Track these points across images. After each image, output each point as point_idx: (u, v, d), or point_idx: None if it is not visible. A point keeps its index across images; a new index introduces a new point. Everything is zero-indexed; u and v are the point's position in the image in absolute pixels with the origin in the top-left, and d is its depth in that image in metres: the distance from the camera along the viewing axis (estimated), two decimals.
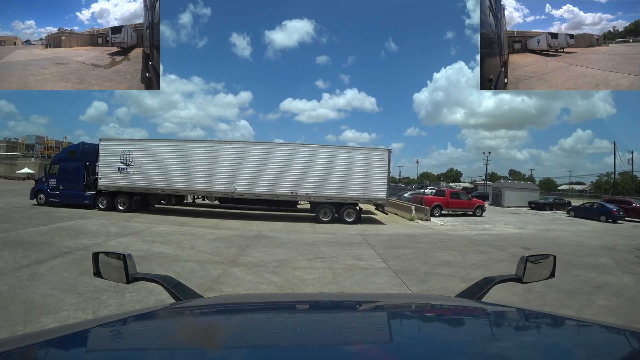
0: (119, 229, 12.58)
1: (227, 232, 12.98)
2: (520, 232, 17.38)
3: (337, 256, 9.49)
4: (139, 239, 10.85)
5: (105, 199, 18.27)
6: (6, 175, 60.03)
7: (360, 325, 1.32)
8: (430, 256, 9.99)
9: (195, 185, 17.72)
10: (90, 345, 1.01)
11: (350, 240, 12.42)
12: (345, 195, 17.21)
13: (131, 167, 17.67)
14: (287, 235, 13.03)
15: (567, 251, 11.87)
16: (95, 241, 10.16)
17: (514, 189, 37.71)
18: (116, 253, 1.68)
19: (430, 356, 0.95)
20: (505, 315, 1.50)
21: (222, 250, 9.66)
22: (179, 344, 1.04)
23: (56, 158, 20.77)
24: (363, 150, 17.90)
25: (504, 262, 9.53)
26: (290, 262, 8.60)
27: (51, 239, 10.14)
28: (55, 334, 1.00)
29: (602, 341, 1.18)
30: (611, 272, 9.03)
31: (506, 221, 21.95)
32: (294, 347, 1.01)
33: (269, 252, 9.63)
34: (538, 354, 1.01)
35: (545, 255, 1.84)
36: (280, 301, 1.83)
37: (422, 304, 1.74)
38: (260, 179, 17.06)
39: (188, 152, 17.63)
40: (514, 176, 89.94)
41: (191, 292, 1.68)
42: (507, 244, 12.86)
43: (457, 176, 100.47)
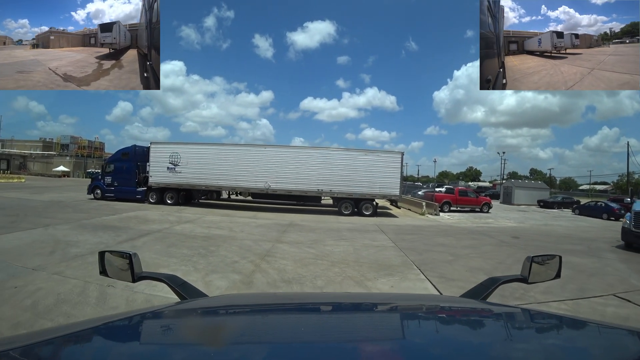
0: (176, 218, 15.28)
1: (265, 221, 15.66)
2: (518, 225, 19.41)
3: (356, 238, 12.04)
4: (197, 225, 13.51)
5: (155, 194, 21.28)
6: (43, 173, 63.21)
7: (366, 325, 1.33)
8: (430, 240, 12.42)
9: (234, 183, 20.79)
10: (96, 344, 1.03)
11: (367, 228, 14.93)
12: (364, 191, 19.91)
13: (179, 166, 20.72)
14: (316, 224, 15.66)
15: (551, 240, 13.90)
16: (164, 226, 12.82)
17: (524, 187, 39.45)
18: (122, 252, 1.68)
19: (436, 356, 0.96)
20: (511, 316, 1.50)
21: (266, 233, 12.36)
22: (184, 343, 1.06)
23: (111, 159, 23.97)
24: (379, 153, 20.66)
25: (490, 245, 11.87)
26: (321, 241, 11.17)
27: (127, 224, 12.87)
28: (61, 332, 1.02)
29: (610, 342, 1.16)
30: (577, 256, 10.66)
31: (509, 217, 23.99)
32: (299, 346, 1.02)
33: (304, 235, 12.26)
34: (544, 355, 1.00)
35: (551, 255, 1.84)
36: (285, 300, 1.84)
37: (427, 304, 1.75)
38: (290, 177, 19.92)
39: (228, 154, 20.66)
40: (535, 175, 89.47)
41: (196, 291, 1.68)
42: (499, 234, 15.03)
43: (477, 175, 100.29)
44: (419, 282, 7.01)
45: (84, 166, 70.68)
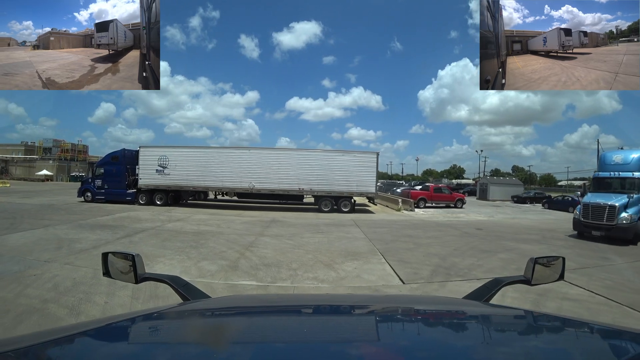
0: (167, 217, 16.32)
1: (250, 218, 16.88)
2: (487, 219, 20.90)
3: (332, 232, 13.36)
4: (187, 223, 14.61)
5: (145, 195, 22.32)
6: (25, 178, 63.10)
7: (368, 327, 1.35)
8: (399, 232, 13.79)
9: (221, 183, 22.01)
10: (99, 345, 1.04)
11: (344, 223, 16.26)
12: (342, 189, 21.41)
13: (167, 169, 21.84)
14: (296, 220, 16.96)
15: (512, 231, 15.27)
16: (156, 224, 13.88)
17: (498, 184, 41.29)
18: (125, 253, 1.71)
19: (438, 358, 0.97)
20: (513, 318, 1.54)
21: (251, 228, 13.58)
22: (187, 344, 1.07)
23: (101, 162, 24.72)
24: (356, 154, 22.13)
25: (453, 236, 13.25)
26: (299, 234, 12.44)
27: (122, 223, 13.87)
28: (64, 332, 1.02)
29: (614, 344, 1.16)
30: (529, 244, 12.00)
31: (481, 212, 25.61)
32: (300, 347, 1.04)
33: (284, 229, 13.50)
34: (548, 357, 1.01)
35: (554, 257, 1.84)
36: (287, 302, 1.89)
37: (429, 306, 1.77)
38: (273, 177, 21.27)
39: (215, 156, 21.96)
40: (517, 172, 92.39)
41: (199, 293, 1.71)
42: (465, 226, 16.48)
43: (460, 173, 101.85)
44: (380, 264, 8.29)
45: (68, 170, 70.25)
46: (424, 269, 7.92)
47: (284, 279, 6.93)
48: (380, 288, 6.56)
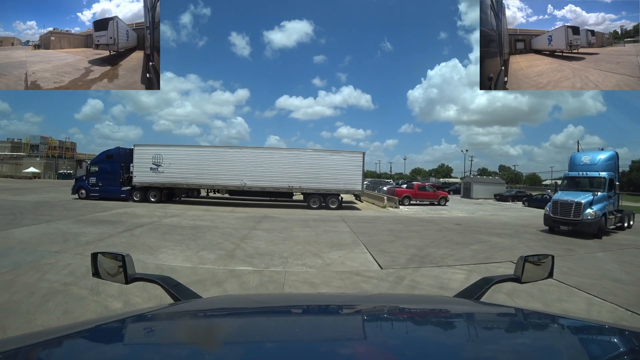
0: (162, 213, 16.99)
1: (242, 215, 17.71)
2: (467, 216, 22.01)
3: (319, 226, 14.30)
4: (183, 219, 15.35)
5: (139, 193, 22.91)
6: (12, 175, 62.18)
7: (360, 326, 1.34)
8: (383, 227, 14.79)
9: (213, 181, 22.73)
10: (89, 346, 1.03)
11: (331, 218, 17.21)
12: (330, 187, 22.38)
13: (161, 167, 22.48)
14: (286, 216, 17.85)
15: (488, 226, 16.34)
16: (153, 220, 14.55)
17: (482, 183, 42.56)
18: (114, 253, 1.67)
19: (429, 356, 0.97)
20: (504, 316, 1.54)
21: (244, 223, 14.43)
22: (178, 344, 1.07)
23: (95, 160, 25.16)
24: (343, 153, 23.15)
25: (432, 230, 14.27)
26: (289, 228, 13.35)
27: (120, 219, 14.49)
28: (54, 334, 1.02)
29: (602, 341, 1.19)
30: (501, 237, 12.89)
31: (463, 209, 26.73)
32: (292, 347, 1.04)
33: (275, 224, 14.40)
34: (538, 354, 1.01)
35: (544, 255, 1.85)
36: (279, 302, 1.87)
37: (420, 304, 1.77)
38: (264, 175, 22.14)
39: (208, 155, 22.81)
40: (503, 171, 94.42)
41: (190, 293, 1.70)
42: (445, 222, 17.48)
43: (448, 172, 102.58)
44: (362, 254, 9.21)
45: (55, 167, 69.60)
46: (401, 258, 8.86)
47: (277, 265, 7.80)
48: (361, 272, 7.47)
